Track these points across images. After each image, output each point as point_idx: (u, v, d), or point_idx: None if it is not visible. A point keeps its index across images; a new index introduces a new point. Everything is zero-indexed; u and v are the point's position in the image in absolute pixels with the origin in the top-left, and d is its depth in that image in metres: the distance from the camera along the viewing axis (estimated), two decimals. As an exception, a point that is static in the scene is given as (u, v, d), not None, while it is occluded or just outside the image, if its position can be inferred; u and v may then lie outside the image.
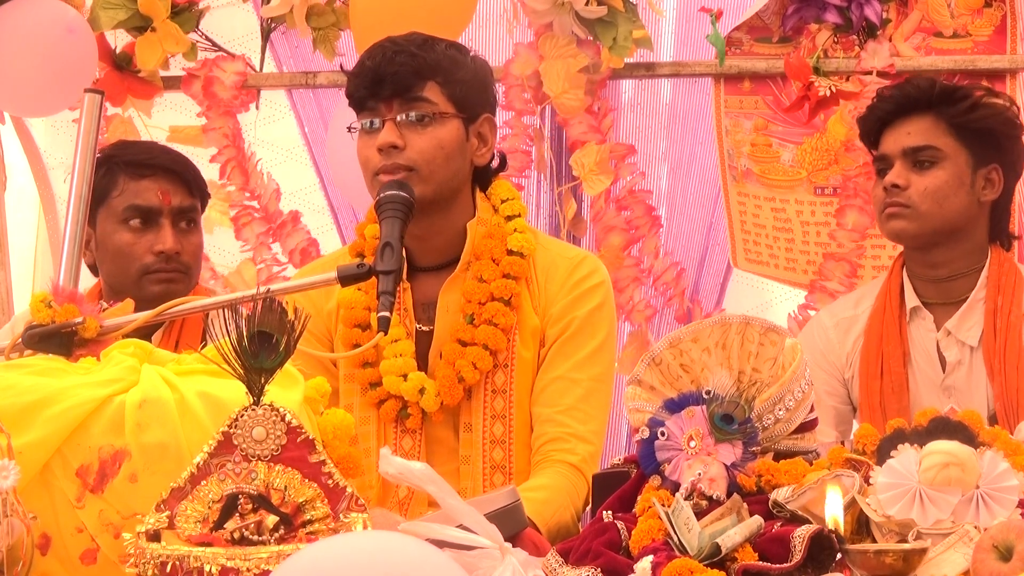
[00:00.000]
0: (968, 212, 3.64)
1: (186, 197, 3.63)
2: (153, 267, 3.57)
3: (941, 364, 3.68)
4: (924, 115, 3.65)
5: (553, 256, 3.28)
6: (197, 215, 3.68)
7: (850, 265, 4.32)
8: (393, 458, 2.27)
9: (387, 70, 3.17)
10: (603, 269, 3.31)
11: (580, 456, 3.15)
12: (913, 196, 3.62)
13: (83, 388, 2.27)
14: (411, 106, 3.17)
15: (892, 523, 2.31)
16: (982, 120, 3.64)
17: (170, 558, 2.05)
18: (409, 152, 3.15)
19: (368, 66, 3.20)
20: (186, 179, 3.64)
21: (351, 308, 3.25)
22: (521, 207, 3.30)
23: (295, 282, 2.87)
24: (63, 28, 4.26)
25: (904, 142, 3.64)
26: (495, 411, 3.20)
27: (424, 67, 3.18)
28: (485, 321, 3.19)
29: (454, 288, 3.23)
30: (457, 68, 3.22)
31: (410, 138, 3.16)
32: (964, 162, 3.64)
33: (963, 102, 3.64)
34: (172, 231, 3.60)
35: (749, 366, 2.53)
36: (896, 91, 3.72)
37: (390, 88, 3.17)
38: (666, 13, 4.51)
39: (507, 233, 3.24)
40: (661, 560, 2.26)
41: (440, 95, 3.19)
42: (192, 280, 3.64)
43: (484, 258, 3.23)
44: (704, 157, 4.55)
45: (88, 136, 2.86)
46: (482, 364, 3.18)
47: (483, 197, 3.29)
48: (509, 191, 3.32)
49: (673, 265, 4.47)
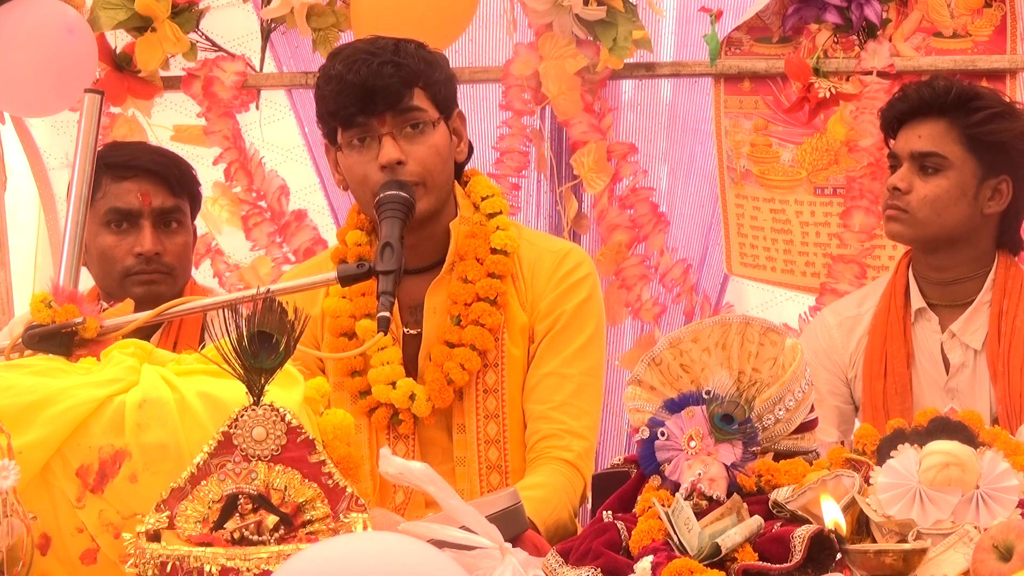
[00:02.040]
0: (969, 223, 3.63)
1: (168, 197, 3.63)
2: (134, 269, 3.57)
3: (945, 366, 3.68)
4: (938, 120, 3.62)
5: (539, 251, 3.26)
6: (182, 215, 3.67)
7: (859, 266, 4.30)
8: (393, 458, 2.27)
9: (376, 83, 3.09)
10: (589, 261, 3.29)
11: (575, 452, 3.14)
12: (912, 202, 3.61)
13: (83, 388, 2.27)
14: (405, 117, 3.12)
15: (892, 523, 2.31)
16: (995, 134, 3.60)
17: (170, 558, 2.05)
18: (412, 166, 3.11)
19: (352, 81, 3.10)
20: (168, 179, 3.63)
21: (336, 317, 3.23)
22: (502, 203, 3.27)
23: (295, 282, 2.87)
24: (63, 28, 4.25)
25: (913, 145, 3.63)
26: (488, 411, 3.19)
27: (410, 75, 3.12)
28: (472, 322, 3.18)
29: (440, 290, 3.22)
30: (432, 69, 3.17)
31: (409, 150, 3.12)
32: (970, 172, 3.62)
33: (977, 113, 3.61)
34: (152, 232, 3.59)
35: (749, 366, 2.53)
36: (914, 91, 3.69)
37: (383, 102, 3.10)
38: (666, 13, 4.51)
39: (490, 231, 3.22)
40: (661, 560, 2.26)
41: (425, 100, 3.15)
42: (178, 280, 3.64)
43: (468, 258, 3.21)
44: (704, 157, 4.55)
45: (88, 136, 2.86)
46: (470, 365, 3.17)
47: (463, 194, 3.26)
48: (488, 187, 3.29)
49: (680, 262, 4.47)
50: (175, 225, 3.65)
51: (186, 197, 3.68)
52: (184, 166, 3.73)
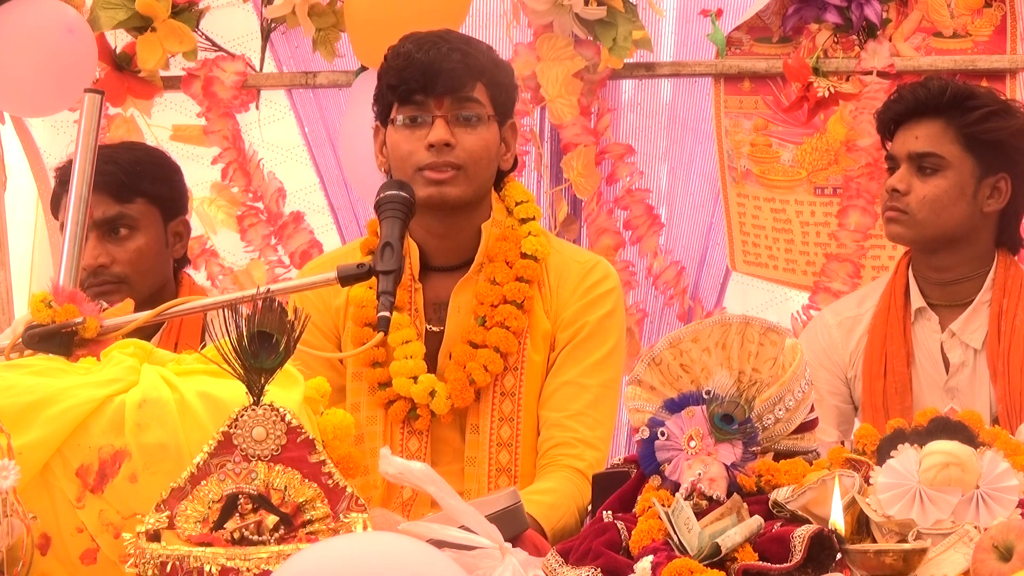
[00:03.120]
0: (969, 222, 3.63)
1: (110, 206, 3.55)
2: (85, 283, 3.51)
3: (945, 366, 3.68)
4: (934, 120, 3.62)
5: (566, 260, 3.28)
6: (131, 220, 3.58)
7: (853, 265, 4.31)
8: (393, 458, 2.27)
9: (442, 65, 3.14)
10: (615, 275, 3.31)
11: (587, 462, 3.15)
12: (911, 203, 3.61)
13: (83, 388, 2.27)
14: (463, 106, 3.16)
15: (892, 523, 2.31)
16: (992, 132, 3.60)
17: (170, 558, 2.05)
18: (459, 151, 3.14)
19: (420, 59, 3.16)
20: (108, 188, 3.53)
21: (361, 307, 3.23)
22: (536, 210, 3.30)
23: (295, 282, 2.87)
24: (63, 28, 4.26)
25: (911, 146, 3.63)
26: (503, 414, 3.19)
27: (475, 67, 3.17)
28: (497, 324, 3.18)
29: (466, 289, 3.23)
30: (498, 71, 3.23)
31: (460, 137, 3.15)
32: (969, 171, 3.62)
33: (973, 112, 3.60)
34: (97, 244, 3.54)
35: (749, 366, 2.53)
36: (909, 92, 3.69)
37: (444, 85, 3.14)
38: (666, 13, 4.52)
39: (521, 236, 3.24)
40: (661, 560, 2.26)
41: (485, 97, 3.19)
42: (136, 288, 3.54)
43: (498, 260, 3.22)
44: (704, 157, 4.55)
45: (88, 136, 2.86)
46: (493, 366, 3.17)
47: (497, 198, 3.28)
48: (523, 193, 3.31)
49: (673, 264, 4.47)
50: (124, 232, 3.57)
51: (140, 199, 3.60)
52: (141, 166, 3.64)
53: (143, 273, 3.60)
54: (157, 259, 3.65)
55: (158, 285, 3.63)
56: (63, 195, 3.60)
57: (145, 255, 3.61)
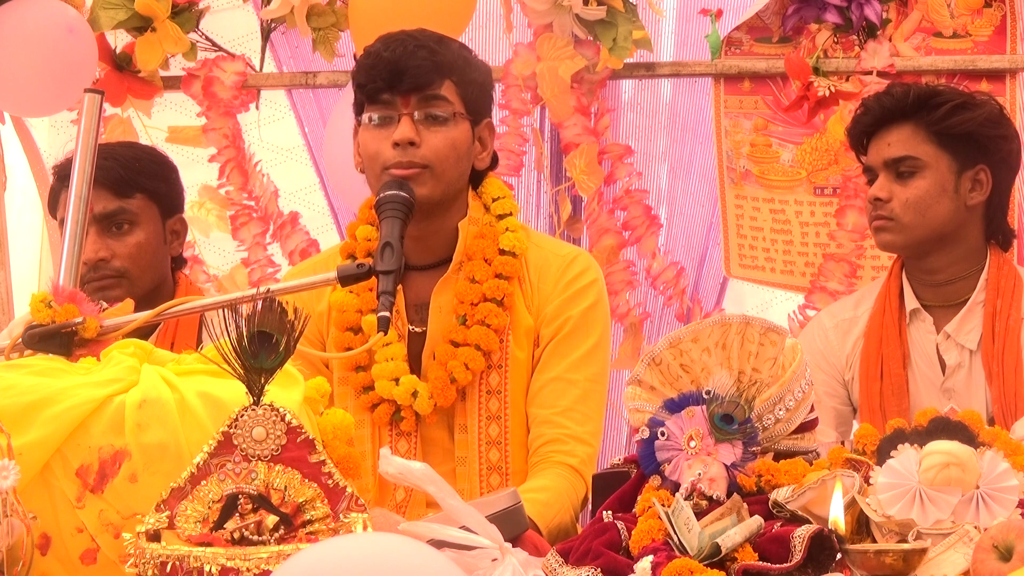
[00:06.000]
0: (955, 218, 3.63)
1: (111, 201, 3.59)
2: (85, 278, 3.53)
3: (941, 367, 3.68)
4: (903, 124, 3.64)
5: (546, 254, 3.27)
6: (132, 215, 3.62)
7: (850, 266, 4.31)
8: (393, 458, 2.27)
9: (408, 63, 3.14)
10: (596, 266, 3.30)
11: (579, 458, 3.15)
12: (896, 208, 3.62)
13: (83, 388, 2.27)
14: (429, 104, 3.16)
15: (892, 523, 2.31)
16: (961, 125, 3.61)
17: (170, 558, 2.05)
18: (424, 150, 3.13)
19: (386, 57, 3.16)
20: (107, 182, 3.56)
21: (343, 311, 3.23)
22: (513, 205, 3.28)
23: (295, 282, 2.87)
24: (63, 28, 4.26)
25: (885, 153, 3.65)
26: (490, 412, 3.19)
27: (444, 64, 3.16)
28: (478, 322, 3.18)
29: (446, 289, 3.22)
30: (470, 69, 3.21)
31: (426, 136, 3.14)
32: (946, 168, 3.63)
33: (939, 109, 3.62)
34: (98, 239, 3.56)
35: (749, 366, 2.53)
36: (874, 102, 3.71)
37: (410, 83, 3.14)
38: (666, 13, 4.51)
39: (499, 232, 3.23)
40: (661, 560, 2.26)
41: (455, 95, 3.17)
42: (135, 282, 3.59)
43: (476, 258, 3.21)
44: (704, 157, 4.55)
45: (88, 136, 2.86)
46: (474, 365, 3.17)
47: (474, 196, 3.27)
48: (500, 189, 3.30)
49: (672, 264, 4.47)
50: (125, 227, 3.60)
51: (139, 195, 3.63)
52: (140, 162, 3.67)
53: (142, 268, 3.63)
54: (156, 255, 3.67)
55: (156, 281, 3.65)
56: (61, 191, 3.63)
57: (144, 250, 3.63)
